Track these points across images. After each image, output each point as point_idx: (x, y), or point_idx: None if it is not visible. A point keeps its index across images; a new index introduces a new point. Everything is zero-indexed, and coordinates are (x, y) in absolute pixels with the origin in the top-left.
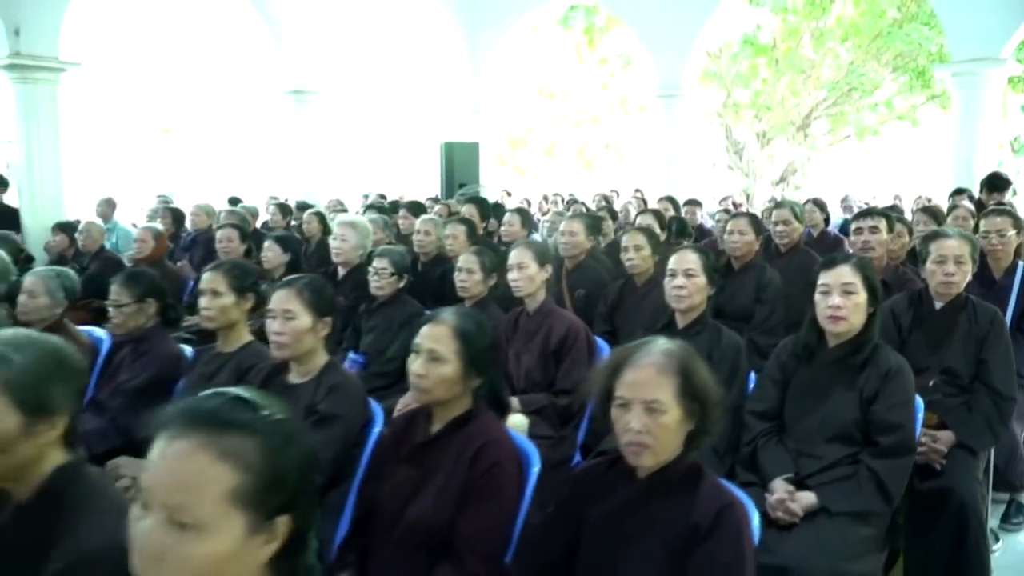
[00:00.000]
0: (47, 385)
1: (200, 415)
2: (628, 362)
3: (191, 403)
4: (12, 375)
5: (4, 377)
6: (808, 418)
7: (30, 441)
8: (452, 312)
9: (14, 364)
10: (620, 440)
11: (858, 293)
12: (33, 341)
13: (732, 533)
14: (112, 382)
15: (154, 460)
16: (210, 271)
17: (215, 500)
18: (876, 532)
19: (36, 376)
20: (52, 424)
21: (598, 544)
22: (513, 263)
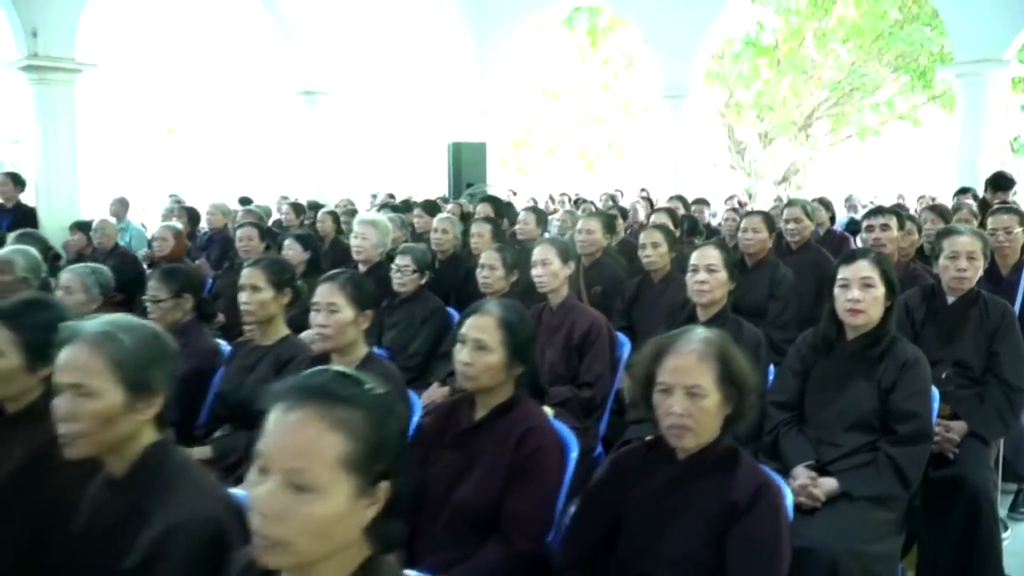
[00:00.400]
0: (149, 366)
1: (312, 389)
2: (670, 349)
3: (302, 379)
4: (120, 354)
5: (114, 355)
6: (828, 408)
7: (130, 417)
8: (496, 304)
9: (123, 344)
10: (662, 423)
11: (876, 287)
12: (137, 325)
13: (769, 511)
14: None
15: (272, 430)
16: (250, 267)
17: (329, 465)
18: (895, 516)
19: (140, 357)
20: (150, 403)
21: (640, 522)
22: (537, 259)
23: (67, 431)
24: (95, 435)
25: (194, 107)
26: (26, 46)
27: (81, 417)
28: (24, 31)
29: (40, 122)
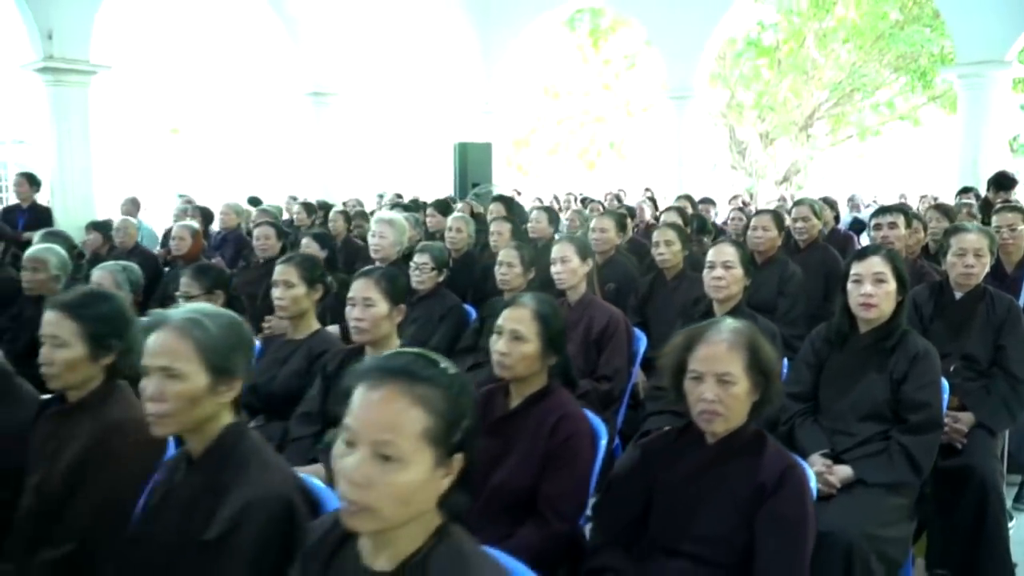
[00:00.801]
0: (231, 352)
1: (395, 369)
2: (701, 339)
3: (385, 360)
4: (206, 340)
5: (200, 341)
6: (842, 399)
7: (212, 399)
8: (531, 296)
9: (208, 331)
10: (693, 409)
11: (888, 282)
12: (221, 313)
13: (795, 491)
14: None
15: (359, 406)
16: (283, 264)
17: (412, 438)
18: (907, 502)
19: (223, 343)
20: (231, 386)
21: (672, 502)
22: (556, 257)
23: (155, 411)
24: (180, 415)
25: (202, 108)
26: (42, 48)
27: (168, 398)
28: (40, 33)
29: (55, 123)
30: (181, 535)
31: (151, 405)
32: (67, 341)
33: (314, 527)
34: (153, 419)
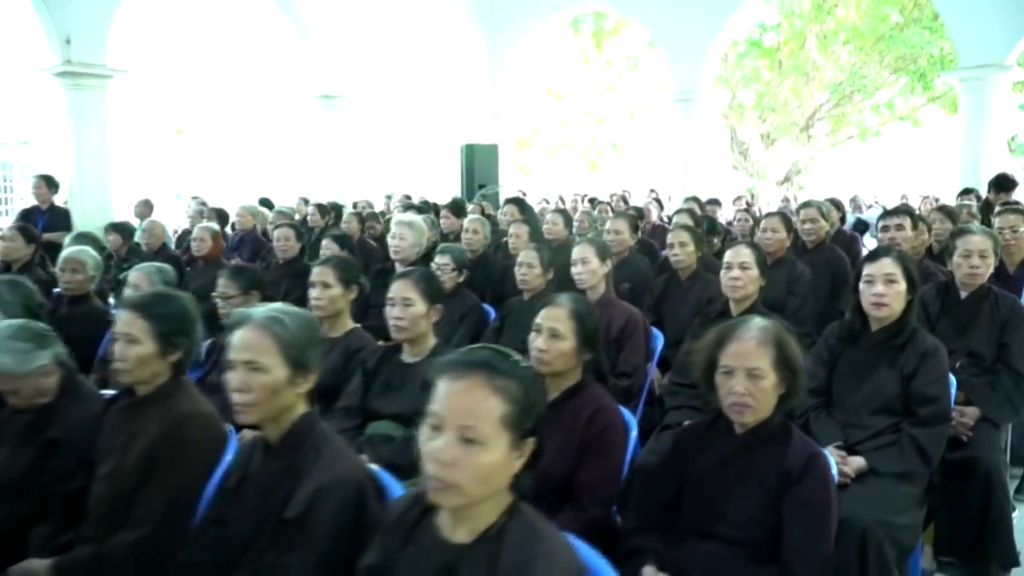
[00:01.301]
0: (307, 347)
1: (476, 362)
2: (732, 336)
3: (466, 354)
4: (285, 336)
5: (280, 337)
6: (855, 393)
7: (290, 391)
8: (568, 296)
9: (288, 328)
10: (724, 401)
11: (899, 282)
12: (298, 312)
13: (820, 477)
14: (220, 366)
15: (444, 395)
16: (320, 265)
17: (492, 423)
18: (917, 491)
19: (301, 339)
20: (307, 379)
21: (704, 488)
22: (577, 258)
23: (240, 400)
24: (263, 405)
25: (213, 110)
26: (60, 53)
27: (253, 389)
28: (59, 38)
29: (74, 126)
30: (260, 515)
31: (237, 395)
32: (139, 338)
33: (392, 506)
34: (239, 408)
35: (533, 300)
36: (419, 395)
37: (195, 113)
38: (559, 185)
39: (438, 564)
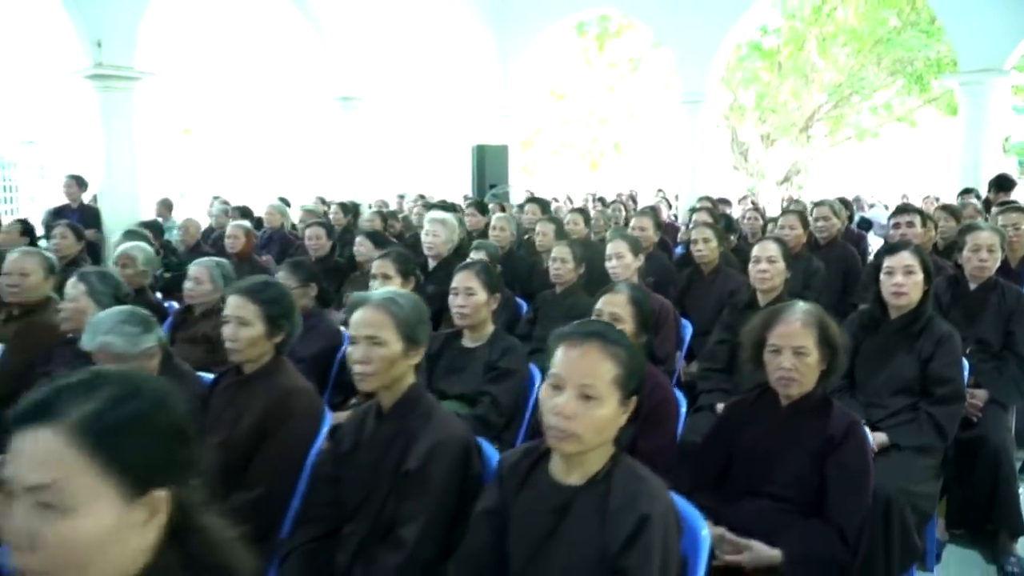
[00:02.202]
0: (418, 324)
1: (592, 332)
2: (779, 318)
3: (581, 325)
4: (401, 314)
5: (396, 315)
6: (876, 376)
7: (404, 362)
8: (626, 284)
9: (402, 307)
10: (772, 376)
11: (916, 273)
12: (409, 295)
13: (858, 443)
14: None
15: (564, 358)
16: (381, 259)
17: (606, 382)
18: (935, 463)
19: (413, 317)
20: (417, 352)
21: (754, 453)
22: (612, 253)
23: (361, 371)
24: (381, 374)
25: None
26: (91, 56)
27: (373, 360)
28: (90, 41)
29: (103, 127)
30: (377, 471)
31: (358, 367)
32: (250, 321)
33: (504, 459)
34: (360, 378)
35: (565, 293)
36: (482, 377)
37: (214, 114)
38: (560, 185)
39: (554, 503)
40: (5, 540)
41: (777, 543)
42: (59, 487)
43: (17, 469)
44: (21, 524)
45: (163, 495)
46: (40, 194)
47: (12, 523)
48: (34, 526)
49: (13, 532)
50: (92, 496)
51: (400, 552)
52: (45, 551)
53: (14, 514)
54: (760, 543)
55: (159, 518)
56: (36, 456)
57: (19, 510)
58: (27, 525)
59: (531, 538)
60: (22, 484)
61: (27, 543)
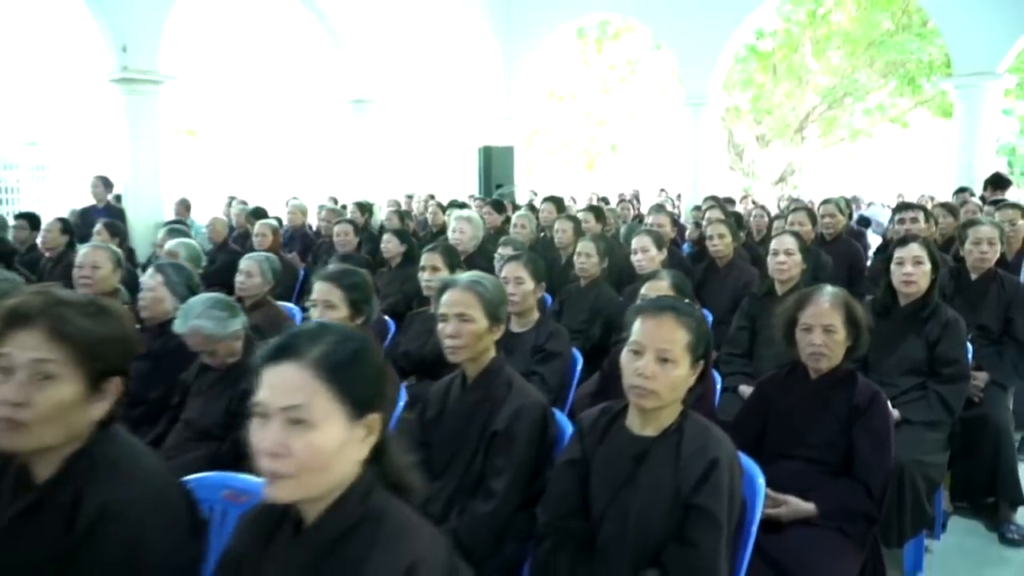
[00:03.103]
0: (500, 304)
1: (667, 305)
2: (810, 300)
3: (658, 300)
4: (485, 295)
5: (481, 295)
6: (888, 358)
7: (488, 338)
8: (667, 272)
9: (486, 288)
10: (804, 352)
11: (925, 264)
12: (492, 278)
13: (881, 410)
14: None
15: (644, 328)
16: (428, 252)
17: (680, 348)
18: (942, 436)
19: (496, 297)
20: (500, 329)
21: (787, 421)
22: (637, 247)
23: (452, 344)
24: (470, 347)
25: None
26: (117, 61)
27: (463, 335)
28: (116, 46)
29: (129, 130)
30: (464, 434)
31: (449, 340)
32: (336, 305)
33: (583, 417)
34: (451, 351)
35: (589, 287)
36: (529, 359)
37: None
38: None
39: (633, 452)
40: (257, 452)
41: (811, 499)
42: (306, 407)
43: (271, 394)
44: (276, 437)
45: (377, 418)
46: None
47: (267, 436)
48: (286, 438)
49: (268, 443)
50: (328, 415)
51: (491, 501)
52: (294, 458)
53: (268, 430)
54: (796, 498)
55: (372, 438)
56: (287, 384)
57: (273, 426)
58: (281, 438)
59: (612, 483)
60: (277, 405)
61: (281, 451)
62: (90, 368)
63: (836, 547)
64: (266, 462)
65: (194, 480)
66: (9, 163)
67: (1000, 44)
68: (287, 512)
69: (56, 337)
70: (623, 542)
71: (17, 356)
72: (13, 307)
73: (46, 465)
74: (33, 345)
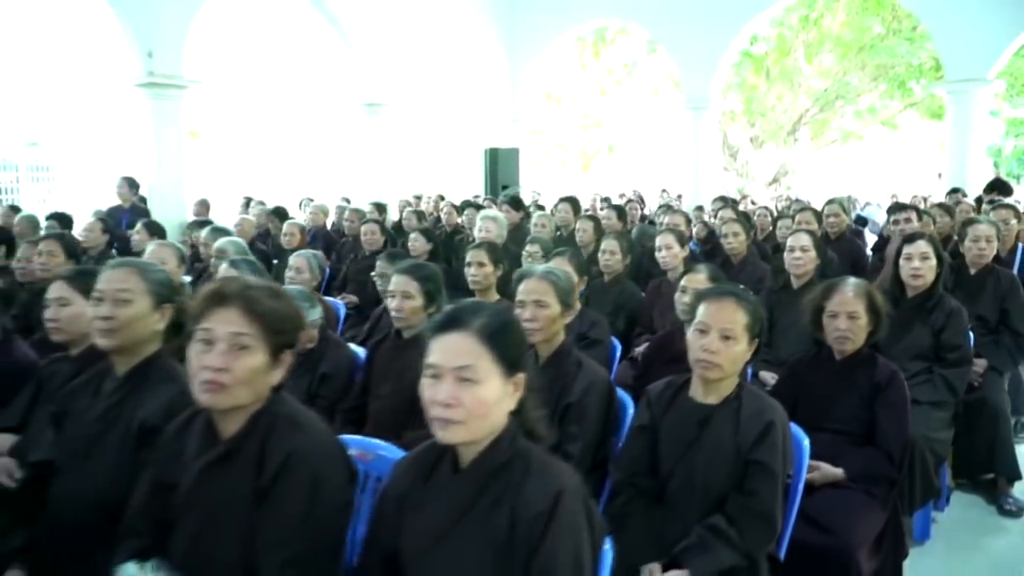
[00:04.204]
0: (571, 291)
1: (726, 290)
2: (835, 290)
3: (719, 287)
4: (559, 283)
5: (555, 283)
6: (896, 345)
7: (560, 321)
8: (704, 265)
9: (560, 277)
10: (830, 336)
11: (931, 259)
12: (562, 270)
13: (899, 387)
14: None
15: (708, 311)
16: (474, 249)
17: (740, 327)
18: (947, 415)
19: (568, 285)
20: (570, 313)
21: (815, 398)
22: (661, 244)
23: (530, 327)
24: (545, 330)
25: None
26: (143, 66)
27: (539, 319)
28: (142, 52)
29: (154, 133)
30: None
31: (528, 323)
32: (413, 295)
33: (651, 388)
34: (529, 333)
35: (612, 282)
36: (575, 344)
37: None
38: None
39: (698, 417)
40: (431, 404)
41: (839, 465)
42: (473, 367)
43: (444, 357)
44: (450, 391)
45: (522, 377)
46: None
47: (441, 391)
48: (458, 392)
49: (443, 395)
50: (489, 373)
51: (568, 463)
52: (464, 408)
53: (442, 386)
54: (827, 464)
55: (518, 393)
56: (457, 349)
57: (446, 383)
58: (454, 392)
59: (679, 444)
60: (450, 366)
61: (453, 403)
62: (274, 341)
63: (863, 506)
64: (439, 411)
65: None
66: (10, 164)
67: (990, 51)
68: (443, 456)
69: (249, 315)
70: (690, 495)
71: (218, 330)
72: (214, 290)
73: (234, 422)
74: (231, 321)
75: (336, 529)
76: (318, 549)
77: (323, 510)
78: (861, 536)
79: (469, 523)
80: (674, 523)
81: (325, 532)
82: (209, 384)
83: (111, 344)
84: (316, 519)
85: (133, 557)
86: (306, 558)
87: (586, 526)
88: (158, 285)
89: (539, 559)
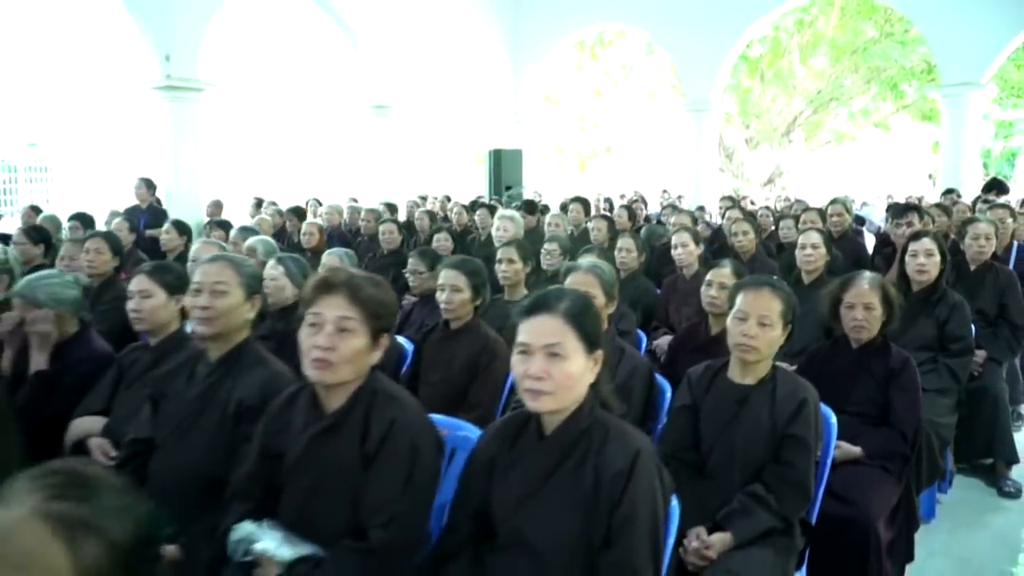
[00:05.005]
0: (614, 285)
1: (763, 281)
2: (852, 283)
3: (757, 277)
4: (603, 276)
5: (601, 277)
6: (903, 336)
7: (604, 312)
8: (728, 260)
9: (604, 271)
10: (847, 326)
11: (935, 255)
12: (605, 264)
13: (912, 372)
14: (411, 328)
15: (747, 300)
16: (504, 246)
17: (776, 315)
18: (951, 402)
19: (612, 279)
20: (613, 305)
21: (834, 382)
22: (677, 242)
23: None
24: None
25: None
26: (161, 69)
27: None
28: (159, 56)
29: (172, 135)
30: None
31: None
32: (461, 288)
33: (692, 371)
34: None
35: (628, 279)
36: None
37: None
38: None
39: (736, 397)
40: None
41: (857, 443)
42: (561, 345)
43: (534, 336)
44: (540, 366)
45: (600, 353)
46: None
47: (532, 366)
48: (548, 367)
49: (535, 370)
50: (574, 350)
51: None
52: (553, 380)
53: (533, 361)
54: (847, 443)
55: (596, 368)
56: (545, 329)
57: (537, 359)
58: (544, 367)
59: (719, 421)
60: (540, 344)
61: (544, 376)
62: (373, 325)
63: (880, 481)
64: (531, 383)
65: None
66: (8, 164)
67: (984, 55)
68: (526, 424)
69: (354, 301)
70: (730, 467)
71: (326, 314)
72: (322, 279)
73: (338, 397)
74: (338, 306)
75: (429, 493)
76: (416, 510)
77: (421, 474)
78: (879, 508)
79: (556, 483)
80: (715, 493)
81: (421, 494)
82: (318, 362)
83: (209, 331)
84: (414, 483)
85: (244, 518)
86: (406, 517)
87: (659, 483)
88: (249, 278)
89: (621, 510)
